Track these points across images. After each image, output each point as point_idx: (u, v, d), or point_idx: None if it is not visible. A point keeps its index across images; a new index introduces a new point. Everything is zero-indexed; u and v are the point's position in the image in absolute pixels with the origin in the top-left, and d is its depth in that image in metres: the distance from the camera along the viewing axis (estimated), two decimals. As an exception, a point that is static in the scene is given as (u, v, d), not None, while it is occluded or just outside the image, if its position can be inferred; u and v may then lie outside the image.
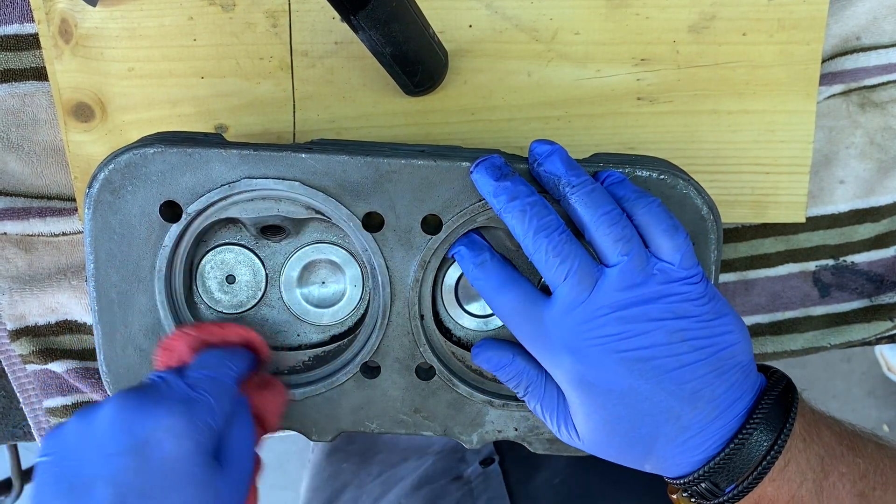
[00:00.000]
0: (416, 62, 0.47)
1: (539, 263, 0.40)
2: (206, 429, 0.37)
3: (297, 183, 0.43)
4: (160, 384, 0.39)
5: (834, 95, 0.55)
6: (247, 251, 0.47)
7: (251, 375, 0.44)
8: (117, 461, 0.36)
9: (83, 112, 0.52)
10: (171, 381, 0.39)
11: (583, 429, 0.41)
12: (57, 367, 0.57)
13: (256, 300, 0.47)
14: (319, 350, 0.47)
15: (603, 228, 0.40)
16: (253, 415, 0.42)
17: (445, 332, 0.47)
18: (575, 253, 0.40)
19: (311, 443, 0.83)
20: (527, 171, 0.43)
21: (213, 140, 0.45)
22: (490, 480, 0.61)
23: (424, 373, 0.47)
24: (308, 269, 0.47)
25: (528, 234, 0.40)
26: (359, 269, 0.47)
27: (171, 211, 0.44)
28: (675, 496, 0.44)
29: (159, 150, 0.43)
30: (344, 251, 0.47)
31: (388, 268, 0.45)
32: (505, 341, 0.45)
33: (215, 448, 0.38)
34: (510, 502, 0.59)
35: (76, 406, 0.59)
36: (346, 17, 0.42)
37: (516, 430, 0.47)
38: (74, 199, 0.55)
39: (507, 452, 0.64)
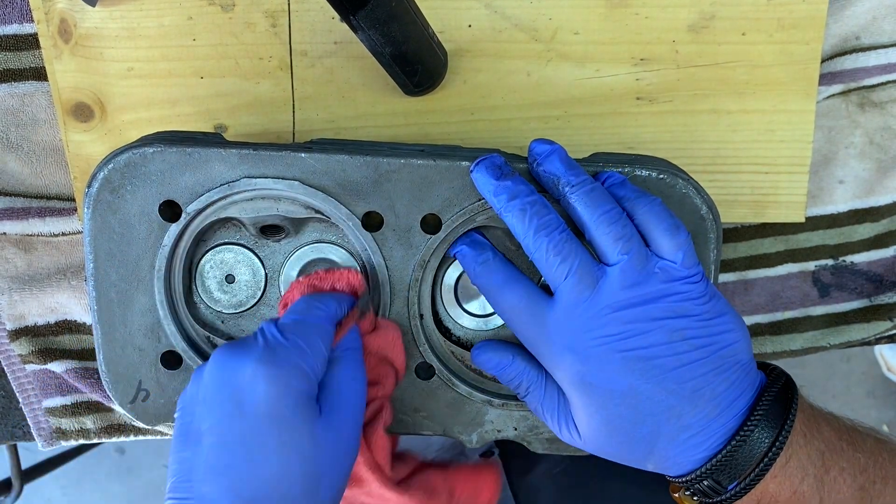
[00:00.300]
0: (415, 62, 0.47)
1: (539, 263, 0.40)
2: (295, 371, 0.38)
3: (296, 182, 0.43)
4: (256, 334, 0.40)
5: (833, 95, 0.55)
6: (246, 251, 0.47)
7: (353, 316, 0.43)
8: (217, 411, 0.38)
9: (82, 112, 0.52)
10: (265, 330, 0.40)
11: (584, 429, 0.41)
12: (56, 367, 0.57)
13: (256, 300, 0.47)
14: (319, 350, 0.47)
15: (603, 227, 0.40)
16: (379, 358, 0.42)
17: (445, 331, 0.47)
18: (575, 252, 0.40)
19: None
20: (526, 171, 0.43)
21: (213, 139, 0.45)
22: None
23: (424, 372, 0.47)
24: (307, 268, 0.47)
25: (529, 233, 0.40)
26: (358, 268, 0.47)
27: (170, 210, 0.44)
28: (677, 495, 0.44)
29: (158, 149, 0.43)
30: (343, 251, 0.47)
31: (387, 267, 0.45)
32: (505, 342, 0.45)
33: (313, 392, 0.39)
34: (511, 492, 0.59)
35: (75, 406, 0.59)
36: (345, 16, 0.42)
37: (516, 429, 0.47)
38: (74, 199, 0.55)
39: (507, 444, 0.64)
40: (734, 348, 0.40)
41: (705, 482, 0.41)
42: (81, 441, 0.60)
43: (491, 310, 0.47)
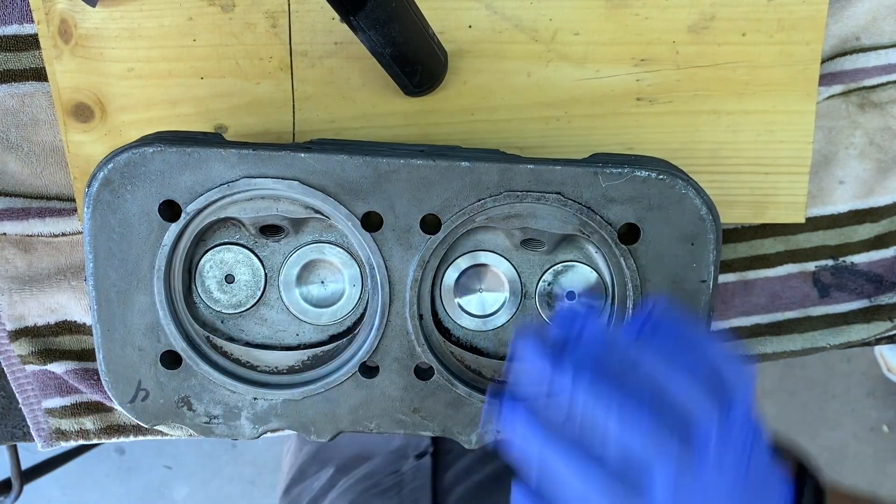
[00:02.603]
0: (415, 63, 0.48)
1: None
2: None
3: (296, 182, 0.43)
4: None
5: (833, 96, 0.55)
6: (246, 251, 0.47)
7: None
8: None
9: (83, 112, 0.52)
10: None
11: None
12: (56, 367, 0.57)
13: (255, 300, 0.47)
14: (318, 350, 0.47)
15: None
16: None
17: (444, 331, 0.47)
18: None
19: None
20: (527, 171, 0.43)
21: (213, 139, 0.45)
22: (419, 471, 0.62)
23: (423, 373, 0.46)
24: (307, 268, 0.47)
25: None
26: (357, 268, 0.47)
27: (170, 210, 0.44)
28: None
29: (158, 149, 0.43)
30: (343, 251, 0.47)
31: (386, 267, 0.45)
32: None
33: None
34: (431, 489, 0.59)
35: (75, 407, 0.59)
36: (345, 17, 0.42)
37: (515, 430, 0.47)
38: (74, 200, 0.55)
39: (440, 444, 0.65)
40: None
41: None
42: (81, 442, 0.60)
43: (490, 310, 0.47)
